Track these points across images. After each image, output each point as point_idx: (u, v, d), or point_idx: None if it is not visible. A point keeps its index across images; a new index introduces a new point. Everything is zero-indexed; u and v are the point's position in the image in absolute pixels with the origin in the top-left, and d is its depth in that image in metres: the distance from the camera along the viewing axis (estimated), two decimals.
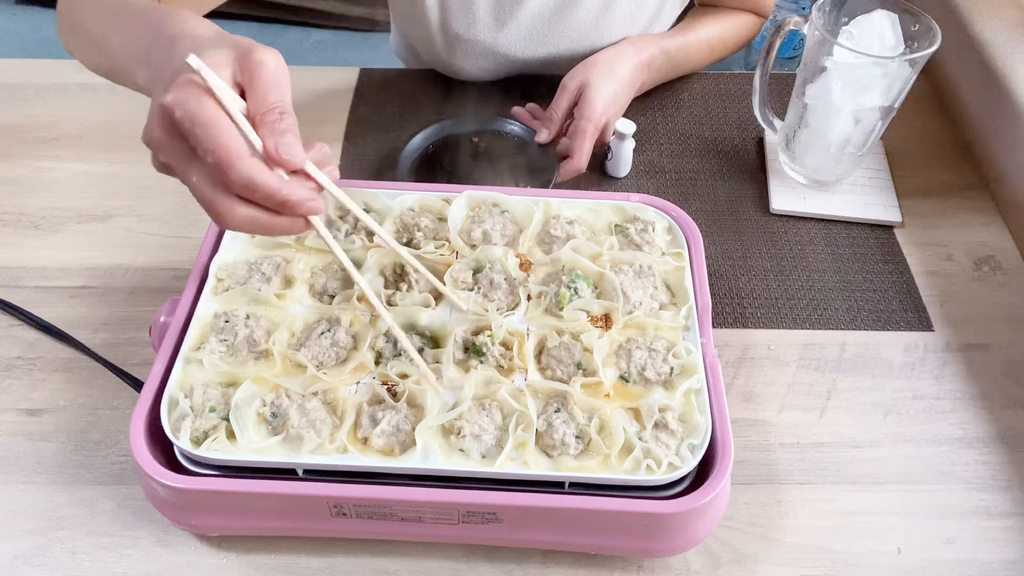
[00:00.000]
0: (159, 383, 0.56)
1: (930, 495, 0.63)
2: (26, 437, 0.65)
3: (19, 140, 0.90)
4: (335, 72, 1.00)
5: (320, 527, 0.56)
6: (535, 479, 0.53)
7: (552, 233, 0.67)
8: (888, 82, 0.75)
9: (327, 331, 0.60)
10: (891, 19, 0.75)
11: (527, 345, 0.60)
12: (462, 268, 0.64)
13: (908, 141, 0.92)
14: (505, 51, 0.92)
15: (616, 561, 0.59)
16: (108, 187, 0.86)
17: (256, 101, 0.44)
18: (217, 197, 0.44)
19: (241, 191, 0.43)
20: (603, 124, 0.84)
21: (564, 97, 0.85)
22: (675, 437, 0.55)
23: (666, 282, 0.65)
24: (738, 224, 0.83)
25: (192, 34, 0.48)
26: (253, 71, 0.44)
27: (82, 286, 0.76)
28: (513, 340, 0.60)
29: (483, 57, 0.93)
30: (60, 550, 0.59)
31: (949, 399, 0.69)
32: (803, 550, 0.60)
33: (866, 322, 0.75)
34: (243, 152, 0.42)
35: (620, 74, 0.86)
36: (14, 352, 0.70)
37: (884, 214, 0.83)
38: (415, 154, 0.86)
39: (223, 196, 0.44)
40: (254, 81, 0.44)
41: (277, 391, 0.56)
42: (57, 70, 0.99)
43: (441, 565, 0.58)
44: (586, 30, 0.90)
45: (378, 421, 0.55)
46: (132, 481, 0.62)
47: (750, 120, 0.94)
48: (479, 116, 0.90)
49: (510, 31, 0.90)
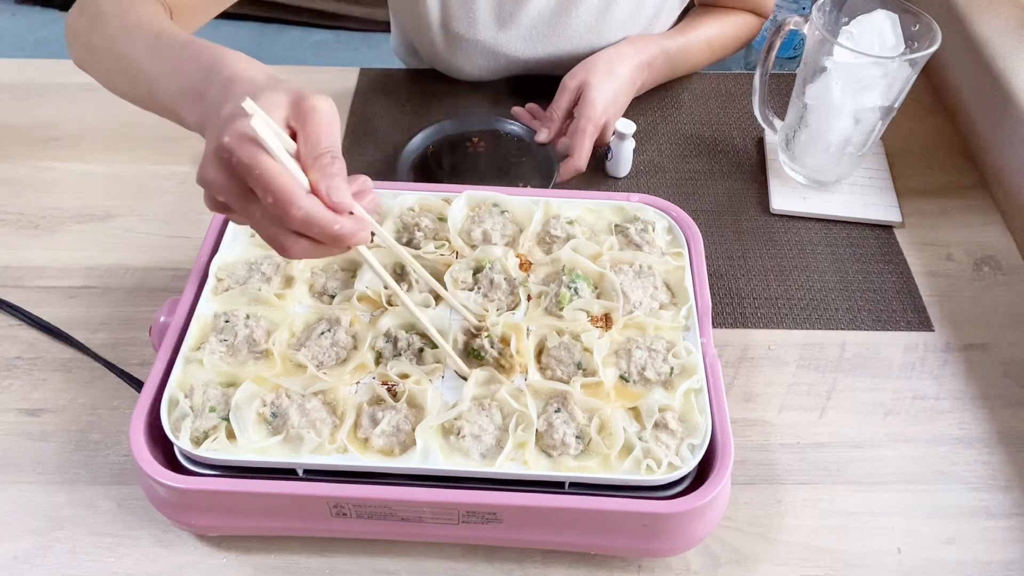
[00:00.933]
0: (159, 383, 0.56)
1: (930, 495, 0.63)
2: (26, 437, 0.65)
3: (19, 140, 0.90)
4: (335, 72, 1.00)
5: (320, 527, 0.56)
6: (535, 479, 0.53)
7: (552, 233, 0.67)
8: (888, 82, 0.75)
9: (327, 331, 0.60)
10: (891, 19, 0.75)
11: (526, 342, 0.60)
12: (462, 268, 0.64)
13: (908, 141, 0.92)
14: (506, 51, 0.92)
15: (616, 561, 0.59)
16: (108, 187, 0.86)
17: (309, 144, 0.46)
18: (280, 233, 0.47)
19: (299, 228, 0.46)
20: (603, 124, 0.84)
21: (564, 97, 0.86)
22: (675, 437, 0.55)
23: (666, 282, 0.65)
24: (738, 224, 0.83)
25: (246, 76, 0.49)
26: (306, 116, 0.46)
27: (82, 286, 0.76)
28: (511, 335, 0.60)
29: (483, 56, 0.93)
30: (60, 550, 0.58)
31: (949, 399, 0.69)
32: (803, 550, 0.60)
33: (866, 322, 0.75)
34: (300, 193, 0.45)
35: (620, 74, 0.86)
36: (14, 352, 0.70)
37: (884, 214, 0.83)
38: (415, 154, 0.86)
39: (284, 232, 0.47)
40: (307, 126, 0.46)
41: (277, 391, 0.56)
42: (57, 70, 0.99)
43: (441, 565, 0.58)
44: (586, 30, 0.90)
45: (378, 421, 0.55)
46: (132, 481, 0.62)
47: (750, 120, 0.94)
48: (479, 116, 0.90)
49: (510, 31, 0.90)
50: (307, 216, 0.45)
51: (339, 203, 0.46)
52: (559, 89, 0.86)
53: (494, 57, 0.93)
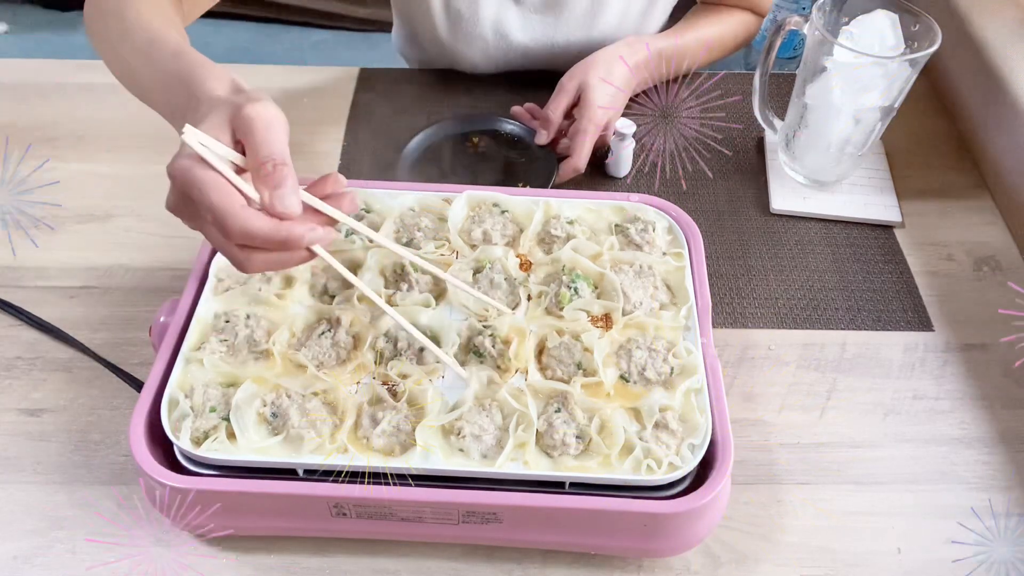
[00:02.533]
0: (159, 383, 0.56)
1: (930, 495, 0.63)
2: (26, 437, 0.65)
3: (19, 140, 0.90)
4: (335, 72, 1.00)
5: (320, 527, 0.56)
6: (535, 479, 0.53)
7: (552, 233, 0.67)
8: (888, 82, 0.75)
9: (327, 331, 0.60)
10: (891, 19, 0.75)
11: (527, 346, 0.60)
12: (462, 268, 0.64)
13: (908, 141, 0.92)
14: (505, 31, 0.93)
15: (616, 561, 0.59)
16: (108, 187, 0.86)
17: (251, 156, 0.47)
18: (230, 249, 0.48)
19: (241, 241, 0.46)
20: (603, 123, 0.84)
21: (562, 97, 0.86)
22: (675, 437, 0.55)
23: (666, 282, 0.65)
24: (738, 224, 0.83)
25: (210, 97, 0.50)
26: (246, 127, 0.47)
27: (82, 286, 0.76)
28: (513, 337, 0.60)
29: (483, 39, 0.94)
30: (60, 550, 0.59)
31: (949, 399, 0.69)
32: (803, 550, 0.60)
33: (866, 322, 0.75)
34: (235, 206, 0.45)
35: (618, 74, 0.86)
36: (14, 352, 0.70)
37: (884, 214, 0.83)
38: (415, 154, 0.86)
39: (232, 247, 0.47)
40: (247, 137, 0.47)
41: (277, 391, 0.56)
42: (57, 70, 0.99)
43: (441, 565, 0.58)
44: (583, 12, 0.92)
45: (378, 421, 0.55)
46: (132, 481, 0.62)
47: (750, 120, 0.93)
48: (479, 116, 0.90)
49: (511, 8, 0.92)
50: (244, 227, 0.45)
51: (283, 211, 0.46)
52: (556, 90, 0.86)
53: (494, 40, 0.94)
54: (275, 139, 0.47)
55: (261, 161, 0.46)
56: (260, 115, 0.47)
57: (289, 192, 0.46)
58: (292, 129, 0.50)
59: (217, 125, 0.47)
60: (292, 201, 0.47)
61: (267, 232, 0.46)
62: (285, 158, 0.47)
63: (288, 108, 0.94)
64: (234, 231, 0.45)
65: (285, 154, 0.47)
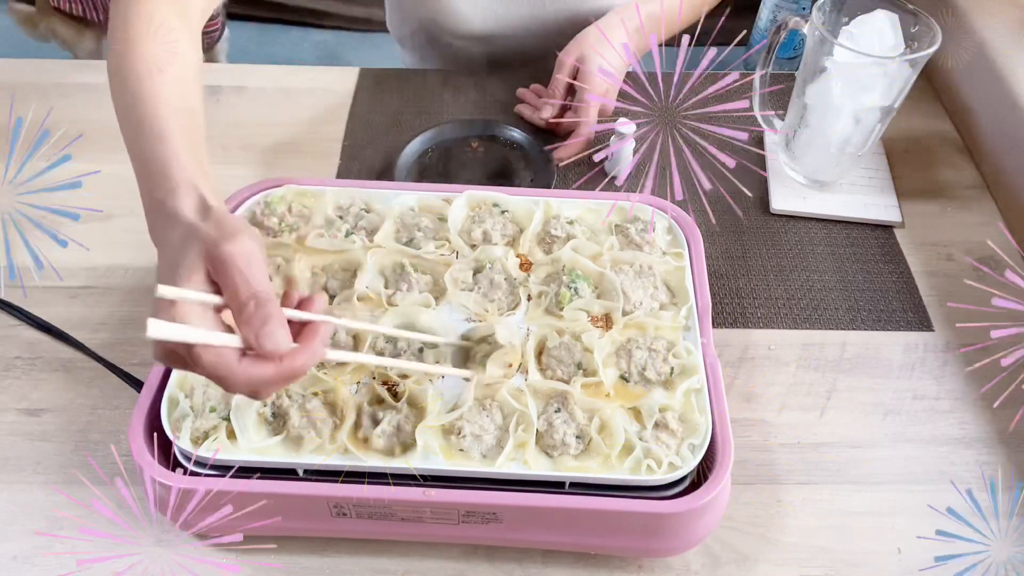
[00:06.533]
0: (159, 383, 0.56)
1: (930, 495, 0.63)
2: (26, 437, 0.65)
3: (20, 140, 0.90)
4: (335, 72, 1.00)
5: (320, 527, 0.56)
6: (535, 479, 0.53)
7: (552, 233, 0.67)
8: (888, 82, 0.75)
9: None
10: (891, 19, 0.75)
11: (527, 346, 0.60)
12: (462, 268, 0.64)
13: (908, 141, 0.92)
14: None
15: (616, 561, 0.59)
16: (108, 187, 0.85)
17: (229, 296, 0.45)
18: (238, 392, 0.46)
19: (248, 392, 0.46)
20: (604, 92, 0.85)
21: (563, 72, 0.88)
22: (675, 437, 0.55)
23: (666, 282, 0.65)
24: (738, 224, 0.83)
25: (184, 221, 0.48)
26: (221, 268, 0.45)
27: (82, 286, 0.76)
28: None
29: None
30: (60, 550, 0.58)
31: (949, 399, 0.69)
32: (803, 550, 0.60)
33: (866, 322, 0.75)
34: (231, 366, 0.44)
35: (614, 41, 0.87)
36: (14, 352, 0.70)
37: (884, 214, 0.83)
38: (413, 157, 0.86)
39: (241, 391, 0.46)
40: (223, 278, 0.45)
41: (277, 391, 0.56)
42: (57, 70, 0.99)
43: (441, 565, 0.58)
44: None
45: (379, 421, 0.55)
46: (132, 481, 0.62)
47: (750, 120, 0.93)
48: (478, 122, 0.90)
49: None
50: (247, 383, 0.45)
51: (272, 351, 0.44)
52: (556, 66, 0.89)
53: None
54: (255, 276, 0.45)
55: (243, 301, 0.44)
56: (239, 254, 0.45)
57: (276, 328, 0.44)
58: (292, 129, 0.49)
59: (192, 268, 0.45)
60: (280, 336, 0.44)
61: (271, 378, 0.45)
62: (268, 294, 0.44)
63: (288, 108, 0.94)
64: (238, 387, 0.45)
65: (268, 290, 0.45)
